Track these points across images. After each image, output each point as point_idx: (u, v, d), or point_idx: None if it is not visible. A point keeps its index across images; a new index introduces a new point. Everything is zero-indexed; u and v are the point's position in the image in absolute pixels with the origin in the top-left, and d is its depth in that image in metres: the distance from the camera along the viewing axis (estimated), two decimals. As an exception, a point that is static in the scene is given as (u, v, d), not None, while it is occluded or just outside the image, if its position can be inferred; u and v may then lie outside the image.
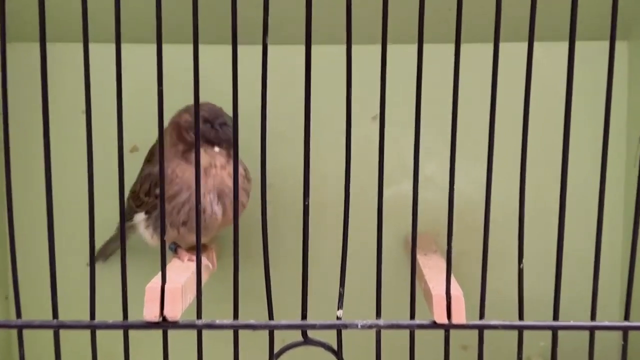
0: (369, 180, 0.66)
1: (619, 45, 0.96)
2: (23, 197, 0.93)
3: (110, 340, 0.67)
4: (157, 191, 0.63)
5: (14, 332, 0.63)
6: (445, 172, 0.61)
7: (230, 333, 0.63)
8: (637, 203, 0.62)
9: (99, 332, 0.62)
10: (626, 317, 0.63)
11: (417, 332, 0.64)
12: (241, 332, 0.63)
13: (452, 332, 0.63)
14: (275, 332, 0.63)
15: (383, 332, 0.63)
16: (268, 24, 0.57)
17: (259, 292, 0.64)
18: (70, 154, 0.82)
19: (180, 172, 0.82)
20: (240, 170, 0.76)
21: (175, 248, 0.84)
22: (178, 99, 0.73)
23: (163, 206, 0.61)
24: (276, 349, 0.63)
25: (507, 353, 0.66)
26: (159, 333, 0.62)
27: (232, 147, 0.63)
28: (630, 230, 0.62)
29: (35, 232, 0.78)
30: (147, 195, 0.85)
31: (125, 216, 0.62)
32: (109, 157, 0.67)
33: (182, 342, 0.66)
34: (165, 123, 0.62)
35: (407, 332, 0.63)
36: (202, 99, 0.60)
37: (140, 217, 0.86)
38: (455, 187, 0.61)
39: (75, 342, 0.71)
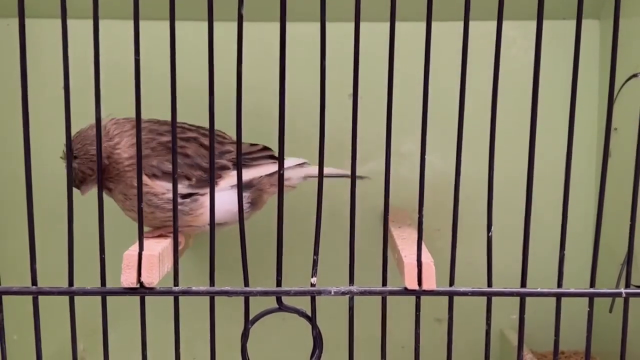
0: (345, 155, 0.67)
1: (591, 24, 0.98)
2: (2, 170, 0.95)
3: (88, 308, 0.69)
4: None
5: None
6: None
7: (206, 300, 0.64)
8: (602, 176, 0.64)
9: (77, 300, 0.63)
10: (592, 284, 0.65)
11: (392, 303, 0.65)
12: (217, 299, 0.64)
13: (427, 304, 0.65)
14: (251, 299, 0.64)
15: (357, 299, 0.64)
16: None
17: (235, 263, 0.65)
18: (49, 129, 0.82)
19: None
20: None
21: None
22: (156, 76, 0.73)
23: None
24: (251, 316, 0.65)
25: (479, 326, 0.67)
26: (136, 300, 0.63)
27: None
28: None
29: (16, 205, 0.79)
30: None
31: None
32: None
33: (159, 310, 0.67)
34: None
35: (379, 300, 0.65)
36: (178, 75, 0.61)
37: None
38: (430, 165, 0.62)
39: (54, 310, 0.72)
